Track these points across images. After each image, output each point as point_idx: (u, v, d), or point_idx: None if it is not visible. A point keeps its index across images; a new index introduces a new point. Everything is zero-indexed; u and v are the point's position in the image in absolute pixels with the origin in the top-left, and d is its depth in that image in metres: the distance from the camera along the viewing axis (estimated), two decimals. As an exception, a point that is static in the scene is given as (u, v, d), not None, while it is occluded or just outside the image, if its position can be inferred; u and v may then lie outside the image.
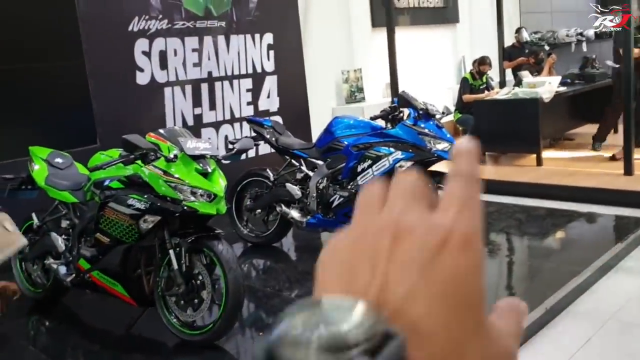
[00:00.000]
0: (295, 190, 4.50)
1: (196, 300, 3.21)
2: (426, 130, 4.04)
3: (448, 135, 4.15)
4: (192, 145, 3.22)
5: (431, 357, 0.29)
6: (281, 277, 4.33)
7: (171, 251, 3.18)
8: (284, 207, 4.54)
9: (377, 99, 7.98)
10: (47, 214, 3.85)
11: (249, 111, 6.40)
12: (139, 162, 3.22)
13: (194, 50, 5.86)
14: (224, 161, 3.63)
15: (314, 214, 4.44)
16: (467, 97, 7.50)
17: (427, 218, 0.32)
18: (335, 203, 4.27)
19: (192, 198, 3.11)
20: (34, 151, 3.99)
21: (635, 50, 6.15)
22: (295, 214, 4.51)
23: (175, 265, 3.17)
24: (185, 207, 3.10)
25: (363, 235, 0.33)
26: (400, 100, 4.18)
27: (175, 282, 3.18)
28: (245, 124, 6.37)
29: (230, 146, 4.69)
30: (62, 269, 3.69)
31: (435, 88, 8.67)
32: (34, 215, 3.90)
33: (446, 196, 0.33)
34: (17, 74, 4.76)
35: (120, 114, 5.30)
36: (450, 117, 7.10)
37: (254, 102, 6.47)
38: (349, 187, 4.20)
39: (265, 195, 4.72)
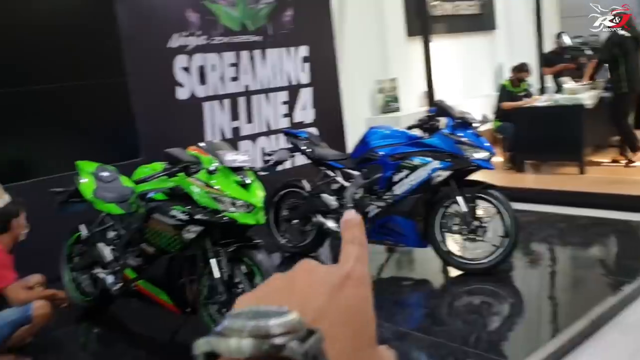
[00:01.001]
0: (331, 200, 4.56)
1: (237, 309, 3.29)
2: (464, 139, 4.04)
3: (486, 144, 4.15)
4: (231, 157, 3.31)
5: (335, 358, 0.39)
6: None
7: (213, 260, 3.28)
8: (320, 218, 4.60)
9: (412, 108, 7.99)
10: (95, 225, 4.00)
11: (284, 123, 6.50)
12: (181, 174, 3.34)
13: (231, 64, 6.00)
14: (261, 173, 3.72)
15: (350, 224, 4.47)
16: (506, 104, 7.43)
17: (335, 265, 0.46)
18: (372, 214, 4.30)
19: (232, 209, 3.20)
20: (81, 165, 4.16)
21: None
22: (331, 224, 4.56)
23: (216, 274, 3.26)
24: (226, 218, 3.19)
25: (290, 278, 0.45)
26: (438, 109, 4.21)
27: (217, 290, 3.27)
28: (281, 136, 6.49)
29: (266, 158, 4.80)
30: (110, 279, 3.83)
31: (473, 96, 8.62)
32: (82, 227, 4.06)
33: (344, 254, 0.47)
34: (64, 92, 4.97)
35: (162, 129, 5.46)
36: (489, 126, 7.06)
37: (290, 114, 6.57)
38: (386, 197, 4.23)
39: (301, 206, 4.80)
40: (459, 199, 4.07)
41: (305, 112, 6.69)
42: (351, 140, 6.98)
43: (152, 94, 5.41)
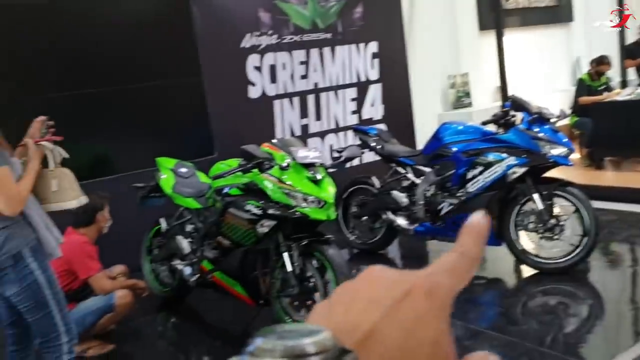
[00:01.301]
0: (401, 197, 4.54)
1: (309, 302, 3.35)
2: (541, 135, 3.92)
3: (565, 140, 4.01)
4: (303, 154, 3.37)
5: None
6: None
7: (285, 254, 3.35)
8: (390, 215, 4.59)
9: (485, 103, 7.82)
10: (174, 219, 4.18)
11: (353, 120, 6.53)
12: (255, 170, 3.43)
13: (301, 62, 6.09)
14: (330, 169, 3.75)
15: (421, 221, 4.45)
16: (584, 99, 7.13)
17: (409, 272, 0.39)
18: (444, 211, 4.26)
19: (304, 204, 3.26)
20: (161, 162, 4.35)
21: None
22: (402, 221, 4.54)
23: (289, 268, 3.33)
24: (298, 213, 3.25)
25: (354, 287, 0.40)
26: (513, 104, 4.10)
27: (289, 283, 3.33)
28: (349, 133, 6.51)
29: (336, 154, 4.83)
30: (187, 270, 3.99)
31: (548, 91, 8.33)
32: (162, 220, 4.24)
33: (438, 262, 0.40)
34: (144, 92, 5.21)
35: (234, 127, 5.62)
36: (566, 121, 6.79)
37: (358, 110, 6.58)
38: (459, 194, 4.17)
39: (371, 203, 4.80)
40: (535, 196, 3.96)
41: (374, 108, 6.68)
42: (421, 137, 6.92)
43: (225, 93, 5.58)
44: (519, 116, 4.16)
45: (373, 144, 4.73)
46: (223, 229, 3.53)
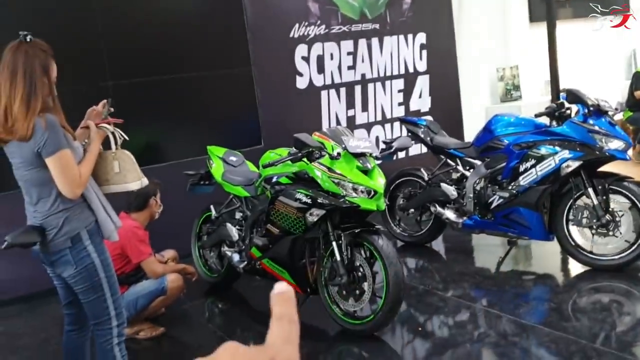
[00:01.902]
0: (450, 190, 4.49)
1: (357, 292, 3.35)
2: (597, 128, 3.81)
3: (622, 133, 3.88)
4: (354, 143, 3.36)
5: None
6: (436, 276, 4.34)
7: (334, 243, 3.36)
8: (438, 208, 4.55)
9: (534, 97, 7.64)
10: (223, 206, 4.24)
11: (400, 112, 6.48)
12: (305, 159, 3.44)
13: (349, 53, 6.07)
14: (377, 160, 3.73)
15: (470, 215, 4.40)
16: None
17: (261, 347, 0.42)
18: (495, 204, 4.19)
19: (354, 194, 3.25)
20: (212, 150, 4.42)
21: None
22: (450, 214, 4.49)
23: (337, 257, 3.33)
24: (347, 203, 3.25)
25: None
26: (569, 96, 3.99)
27: (338, 272, 3.34)
28: (396, 124, 6.47)
29: (383, 146, 4.81)
30: (236, 257, 4.05)
31: (601, 85, 8.07)
32: (212, 207, 4.31)
33: (271, 334, 0.42)
34: (195, 81, 5.28)
35: (282, 118, 5.66)
36: (619, 116, 6.59)
37: (405, 102, 6.53)
38: (510, 187, 4.10)
39: (418, 195, 4.76)
40: (590, 190, 3.86)
41: (421, 100, 6.62)
42: (468, 130, 6.83)
43: (274, 83, 5.61)
44: (574, 109, 4.05)
45: (422, 136, 4.69)
46: (273, 217, 3.56)
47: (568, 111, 4.05)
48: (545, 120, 4.19)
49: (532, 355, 3.05)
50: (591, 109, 3.87)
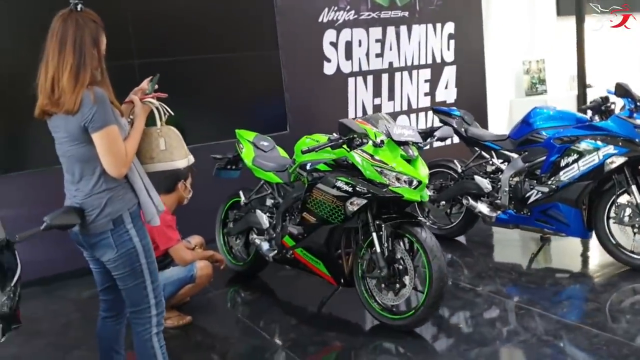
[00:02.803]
0: (485, 183, 4.36)
1: (397, 285, 3.23)
2: (646, 124, 3.67)
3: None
4: (399, 131, 3.23)
5: None
6: (470, 271, 4.22)
7: (374, 234, 3.23)
8: (471, 201, 4.41)
9: (559, 91, 7.49)
10: (253, 192, 4.11)
11: (426, 102, 6.35)
12: (345, 146, 3.31)
13: (377, 40, 5.93)
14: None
15: (504, 209, 4.27)
16: None
17: None
18: (532, 199, 4.06)
19: (397, 183, 3.13)
20: (241, 134, 4.28)
21: None
22: (483, 208, 4.36)
23: (377, 249, 3.21)
24: (390, 192, 3.12)
25: None
26: (618, 90, 3.85)
27: (378, 265, 3.22)
28: (421, 115, 6.34)
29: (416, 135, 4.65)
30: (265, 245, 3.92)
31: (631, 81, 7.92)
32: (241, 193, 4.18)
33: None
34: (222, 62, 5.14)
35: (308, 103, 5.53)
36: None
37: (432, 92, 6.39)
38: (550, 182, 3.97)
39: (450, 188, 4.64)
40: (634, 188, 3.73)
41: (447, 91, 6.48)
42: (493, 122, 6.70)
43: (301, 68, 5.48)
44: (618, 103, 3.91)
45: (456, 126, 4.56)
46: (309, 205, 3.43)
47: (613, 106, 3.91)
48: (588, 114, 4.05)
49: (573, 354, 2.94)
50: (638, 104, 3.73)
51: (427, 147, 4.85)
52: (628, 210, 3.81)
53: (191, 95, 4.96)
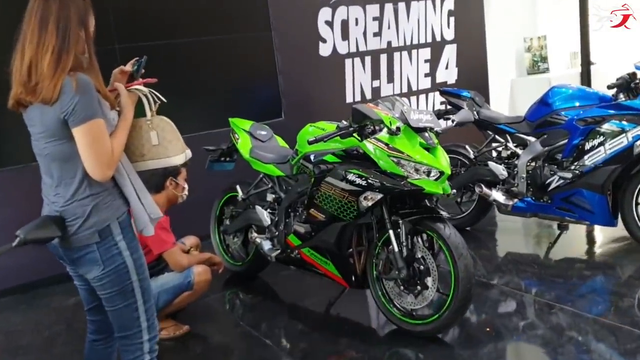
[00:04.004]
0: (500, 169, 4.05)
1: (418, 287, 2.92)
2: (677, 102, 3.38)
3: None
4: (416, 116, 2.90)
5: None
6: (487, 265, 3.93)
7: (391, 231, 2.91)
8: (484, 188, 4.10)
9: (562, 69, 7.20)
10: (252, 186, 3.76)
11: (426, 83, 6.03)
12: (356, 134, 2.98)
13: (374, 18, 5.56)
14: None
15: (522, 197, 3.98)
16: None
17: None
18: (554, 185, 3.77)
19: (415, 175, 2.80)
20: (235, 123, 3.92)
21: None
22: (498, 196, 4.06)
23: (395, 247, 2.89)
24: (410, 185, 2.80)
25: None
26: None
27: (396, 265, 2.91)
28: (422, 97, 6.02)
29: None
30: (267, 244, 3.59)
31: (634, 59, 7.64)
32: (238, 187, 3.83)
33: None
34: (209, 46, 4.74)
35: (303, 88, 5.18)
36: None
37: (432, 73, 6.06)
38: (573, 167, 3.67)
39: (462, 175, 4.32)
40: None
41: (448, 71, 6.15)
42: (494, 103, 6.38)
43: (295, 49, 5.11)
44: None
45: (467, 109, 4.23)
46: (317, 201, 3.10)
47: (640, 82, 3.61)
48: (605, 92, 3.76)
49: (601, 353, 2.67)
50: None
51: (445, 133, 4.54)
52: (658, 196, 3.54)
53: (177, 82, 4.55)
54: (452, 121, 3.97)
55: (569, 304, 3.17)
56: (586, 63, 6.67)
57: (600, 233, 4.25)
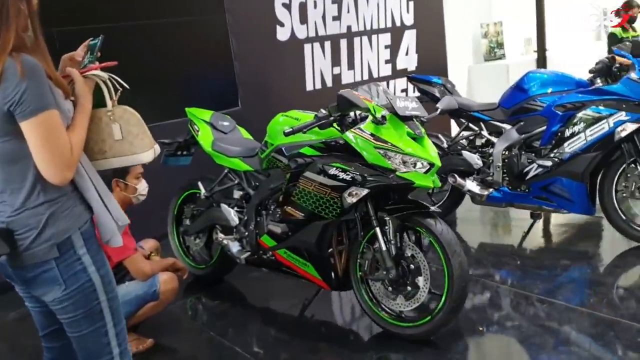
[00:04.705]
0: (474, 159, 3.90)
1: (408, 288, 2.71)
2: (659, 86, 3.30)
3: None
4: (402, 104, 2.67)
5: None
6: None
7: (377, 229, 2.69)
8: (458, 179, 3.94)
9: (518, 56, 7.18)
10: (216, 183, 3.44)
11: (386, 71, 5.83)
12: (335, 125, 2.73)
13: (333, 1, 5.30)
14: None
15: (497, 186, 3.84)
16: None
17: None
18: (532, 174, 3.65)
19: (404, 168, 2.58)
20: (194, 113, 3.58)
21: None
22: (473, 186, 3.91)
23: (383, 246, 2.67)
24: (398, 179, 2.58)
25: None
26: (636, 49, 3.45)
27: (384, 265, 2.68)
28: (391, 83, 5.84)
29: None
30: (235, 246, 3.29)
31: (585, 45, 7.73)
32: (200, 184, 3.50)
33: None
34: (158, 30, 4.34)
35: (261, 75, 4.86)
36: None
37: (392, 60, 5.87)
38: (553, 155, 3.55)
39: (434, 164, 4.14)
40: None
41: (408, 58, 5.97)
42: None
43: (252, 33, 4.78)
44: (626, 64, 3.52)
45: (439, 96, 4.05)
46: (295, 198, 2.83)
47: (619, 67, 3.52)
48: (597, 80, 3.65)
49: (577, 342, 2.55)
50: (651, 63, 3.35)
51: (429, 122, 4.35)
52: (638, 182, 3.46)
53: (125, 69, 4.13)
54: (436, 109, 3.78)
55: (538, 291, 3.10)
56: (542, 50, 6.66)
57: (572, 221, 4.19)
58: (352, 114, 2.72)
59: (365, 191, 2.62)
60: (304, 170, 2.78)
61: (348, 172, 2.64)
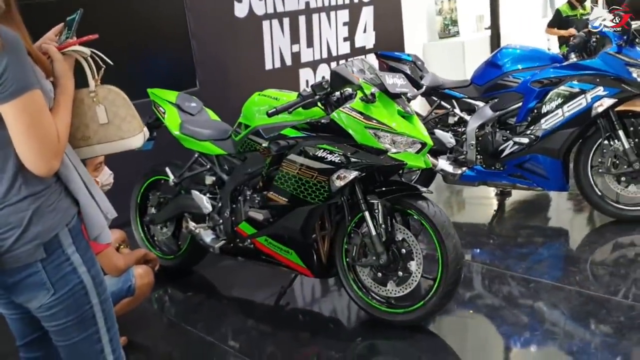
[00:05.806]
0: (447, 137, 3.83)
1: (400, 273, 2.61)
2: (634, 60, 3.30)
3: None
4: (391, 81, 2.54)
5: None
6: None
7: (366, 213, 2.56)
8: (431, 158, 3.85)
9: (472, 33, 7.19)
10: (185, 169, 3.21)
11: (345, 49, 5.68)
12: (319, 104, 2.57)
13: (291, -26, 5.09)
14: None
15: (471, 165, 3.80)
16: (550, 30, 6.45)
17: None
18: (507, 152, 3.62)
19: (394, 148, 2.46)
20: (157, 94, 3.33)
21: None
22: (445, 165, 3.85)
23: (372, 230, 2.55)
24: (391, 160, 2.45)
25: None
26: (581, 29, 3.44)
27: (374, 250, 2.57)
28: (342, 63, 5.67)
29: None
30: (208, 234, 3.09)
31: (532, 23, 7.82)
32: (168, 169, 3.25)
33: None
34: (109, 4, 4.02)
35: (219, 53, 4.62)
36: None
37: (351, 37, 5.72)
38: (530, 132, 3.52)
39: (404, 143, 4.05)
40: (620, 133, 3.40)
41: (366, 35, 5.84)
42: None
43: (209, 9, 4.52)
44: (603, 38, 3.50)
45: (410, 73, 3.94)
46: (277, 182, 2.66)
47: (597, 41, 3.51)
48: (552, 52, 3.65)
49: (551, 317, 2.56)
50: (626, 38, 3.35)
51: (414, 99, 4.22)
52: (613, 158, 3.48)
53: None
54: (421, 86, 3.67)
55: (512, 269, 3.07)
56: (496, 27, 6.68)
57: (542, 198, 4.21)
58: (337, 92, 2.57)
59: (354, 174, 2.48)
60: (287, 153, 2.61)
61: (336, 154, 2.49)
